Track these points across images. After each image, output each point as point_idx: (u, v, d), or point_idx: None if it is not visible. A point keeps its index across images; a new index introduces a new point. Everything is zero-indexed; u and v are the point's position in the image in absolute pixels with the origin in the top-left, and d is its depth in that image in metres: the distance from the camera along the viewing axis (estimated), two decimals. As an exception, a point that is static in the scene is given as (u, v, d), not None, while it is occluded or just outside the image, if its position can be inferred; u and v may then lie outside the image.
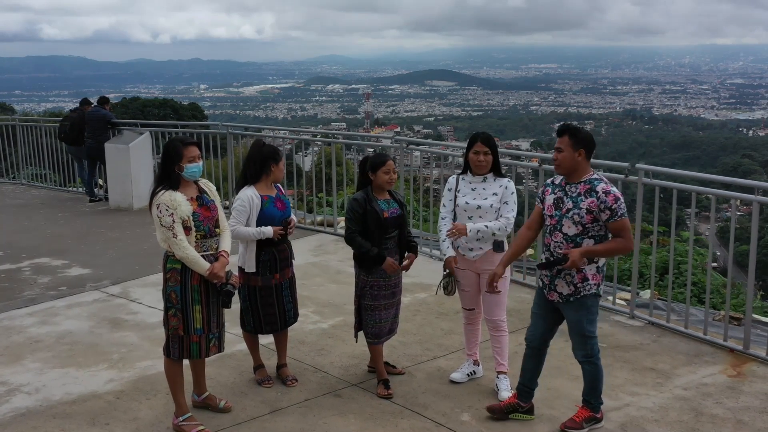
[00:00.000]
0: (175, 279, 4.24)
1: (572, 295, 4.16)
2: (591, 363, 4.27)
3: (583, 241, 4.06)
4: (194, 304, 4.27)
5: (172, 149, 4.23)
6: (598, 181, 4.07)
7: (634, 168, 6.01)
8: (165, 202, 4.15)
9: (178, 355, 4.33)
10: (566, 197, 4.12)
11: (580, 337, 4.24)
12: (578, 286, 4.13)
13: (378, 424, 4.44)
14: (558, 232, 4.13)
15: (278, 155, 4.89)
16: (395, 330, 5.06)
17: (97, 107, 11.76)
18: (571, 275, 4.11)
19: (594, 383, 4.30)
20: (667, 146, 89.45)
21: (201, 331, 4.30)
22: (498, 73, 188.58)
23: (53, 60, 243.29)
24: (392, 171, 4.77)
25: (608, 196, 3.99)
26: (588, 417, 4.31)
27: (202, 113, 43.99)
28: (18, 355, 5.54)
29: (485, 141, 4.73)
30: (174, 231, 4.14)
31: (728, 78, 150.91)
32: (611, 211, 3.99)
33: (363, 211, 4.73)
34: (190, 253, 4.18)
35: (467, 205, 4.77)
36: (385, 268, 4.73)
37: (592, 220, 4.03)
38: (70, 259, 8.26)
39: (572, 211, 4.06)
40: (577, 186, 4.10)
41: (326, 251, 8.46)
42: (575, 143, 4.06)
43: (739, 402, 4.72)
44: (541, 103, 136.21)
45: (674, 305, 6.35)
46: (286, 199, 4.96)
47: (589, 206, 4.01)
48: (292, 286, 4.99)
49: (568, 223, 4.07)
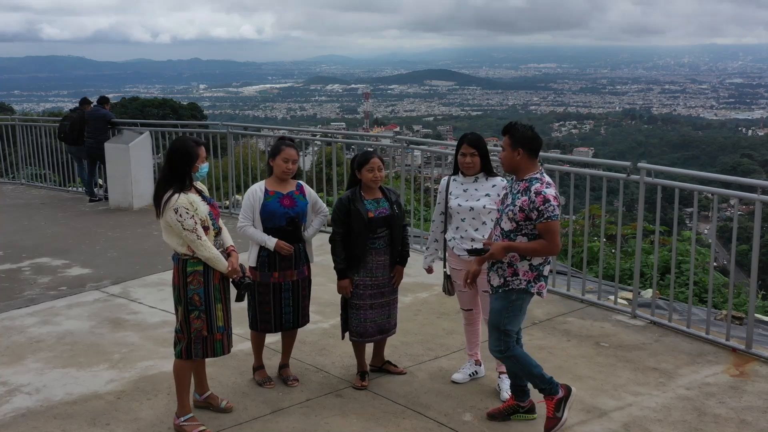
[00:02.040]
0: (198, 281, 4.23)
1: (501, 287, 4.22)
2: (507, 357, 4.27)
3: (516, 237, 4.11)
4: (216, 303, 4.29)
5: (188, 150, 4.19)
6: (535, 181, 4.08)
7: (635, 167, 6.00)
8: (184, 205, 4.11)
9: (202, 354, 4.33)
10: (510, 193, 4.21)
11: (496, 330, 4.25)
12: (507, 279, 4.19)
13: (380, 424, 4.42)
14: (498, 226, 4.24)
15: (276, 149, 4.82)
16: (390, 330, 5.03)
17: (97, 107, 11.75)
18: (503, 269, 4.18)
19: (525, 371, 4.27)
20: (666, 146, 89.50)
21: (223, 328, 4.35)
22: (497, 72, 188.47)
23: (52, 60, 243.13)
24: (377, 169, 4.73)
25: (537, 197, 4.00)
26: (555, 403, 4.23)
27: (201, 113, 43.96)
28: (19, 355, 5.53)
29: (471, 142, 4.72)
30: (197, 233, 4.14)
31: (727, 78, 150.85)
32: (538, 212, 4.02)
33: (347, 211, 4.73)
34: (215, 252, 4.20)
35: (460, 207, 4.75)
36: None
37: (524, 218, 4.06)
38: (70, 258, 8.24)
39: (509, 208, 4.14)
40: (519, 183, 4.16)
41: (327, 251, 8.38)
42: (513, 142, 4.11)
43: (742, 402, 4.71)
44: (540, 102, 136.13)
45: (676, 305, 6.34)
46: (301, 200, 4.86)
47: (522, 205, 4.05)
48: (296, 290, 4.91)
49: (505, 218, 4.16)
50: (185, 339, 4.29)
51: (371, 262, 4.80)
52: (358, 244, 4.73)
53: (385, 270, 4.85)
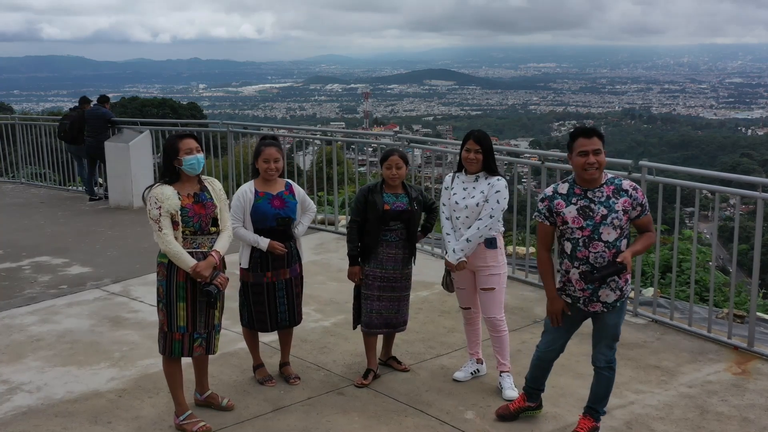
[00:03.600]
0: (162, 273, 4.23)
1: (618, 300, 3.99)
2: (611, 369, 4.11)
3: (620, 243, 3.89)
4: (178, 301, 4.21)
5: (169, 145, 4.23)
6: (619, 180, 3.95)
7: (637, 165, 5.99)
8: (155, 195, 4.15)
9: (161, 349, 4.30)
10: (593, 204, 3.89)
11: (612, 341, 4.07)
12: (623, 289, 3.99)
13: (382, 422, 4.41)
14: (597, 242, 3.86)
15: (257, 151, 4.78)
16: (398, 326, 5.03)
17: (97, 106, 11.74)
18: (616, 281, 3.93)
19: (608, 391, 4.16)
20: (665, 145, 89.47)
21: (184, 329, 4.24)
22: (497, 72, 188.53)
23: (52, 60, 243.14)
24: (395, 167, 4.76)
25: (638, 192, 3.90)
26: (592, 428, 4.17)
27: (201, 113, 43.94)
28: (19, 353, 5.52)
29: (477, 139, 4.70)
30: (160, 224, 4.12)
31: (727, 77, 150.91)
32: (642, 207, 3.90)
33: (364, 201, 4.81)
34: (173, 247, 4.14)
35: (456, 205, 4.75)
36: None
37: (627, 220, 3.89)
38: (70, 257, 8.23)
39: (610, 217, 3.85)
40: (601, 189, 3.90)
41: (327, 249, 8.44)
42: (603, 145, 3.90)
43: (744, 399, 4.70)
44: (540, 102, 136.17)
45: (677, 303, 6.33)
46: (291, 200, 4.84)
47: (624, 206, 3.87)
48: (289, 288, 4.91)
49: (607, 229, 3.85)
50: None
51: (382, 254, 4.83)
52: (371, 235, 4.80)
53: (397, 264, 4.86)
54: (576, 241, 3.92)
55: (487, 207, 4.65)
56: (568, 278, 4.02)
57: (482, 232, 4.65)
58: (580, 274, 3.94)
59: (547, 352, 4.28)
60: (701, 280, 7.56)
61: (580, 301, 4.03)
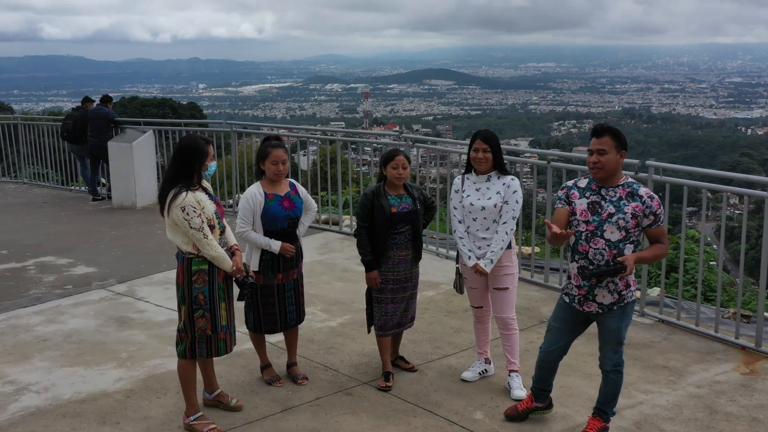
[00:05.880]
0: (203, 280, 4.21)
1: (615, 304, 3.97)
2: (618, 372, 4.11)
3: (625, 246, 3.87)
4: (220, 302, 4.27)
5: (199, 147, 4.16)
6: (637, 185, 3.92)
7: (644, 165, 5.98)
8: (191, 204, 4.08)
9: (206, 353, 4.31)
10: (604, 201, 3.89)
11: (617, 345, 4.05)
12: (622, 293, 3.96)
13: (390, 423, 4.41)
14: (599, 239, 3.88)
15: (263, 153, 4.75)
16: (406, 324, 5.03)
17: (100, 105, 11.72)
18: (615, 283, 3.92)
19: (616, 393, 4.16)
20: (665, 145, 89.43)
21: (226, 327, 4.33)
22: (497, 72, 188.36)
23: (51, 60, 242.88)
24: (401, 166, 4.75)
25: (653, 201, 3.85)
26: (601, 428, 4.17)
27: (200, 112, 43.87)
28: (25, 353, 5.51)
29: (485, 139, 4.69)
30: (204, 231, 4.11)
31: (727, 77, 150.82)
32: (655, 217, 3.86)
33: (370, 205, 4.77)
34: (220, 251, 4.18)
35: (472, 207, 4.73)
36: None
37: (635, 225, 3.86)
38: (74, 257, 8.22)
39: (616, 216, 3.85)
40: (615, 189, 3.90)
41: (332, 249, 8.43)
42: (618, 145, 3.87)
43: (753, 399, 4.70)
44: (539, 102, 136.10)
45: (683, 303, 6.33)
46: (298, 199, 4.85)
47: (634, 211, 3.84)
48: (296, 288, 4.92)
49: (611, 228, 3.85)
50: (188, 338, 4.27)
51: (394, 257, 4.82)
52: (380, 239, 4.77)
53: (407, 264, 4.87)
54: (579, 235, 3.96)
55: (509, 209, 4.67)
56: (569, 274, 4.09)
57: (510, 237, 4.68)
58: (578, 268, 4.00)
59: (549, 353, 4.29)
60: (705, 280, 7.56)
61: (576, 301, 4.06)
